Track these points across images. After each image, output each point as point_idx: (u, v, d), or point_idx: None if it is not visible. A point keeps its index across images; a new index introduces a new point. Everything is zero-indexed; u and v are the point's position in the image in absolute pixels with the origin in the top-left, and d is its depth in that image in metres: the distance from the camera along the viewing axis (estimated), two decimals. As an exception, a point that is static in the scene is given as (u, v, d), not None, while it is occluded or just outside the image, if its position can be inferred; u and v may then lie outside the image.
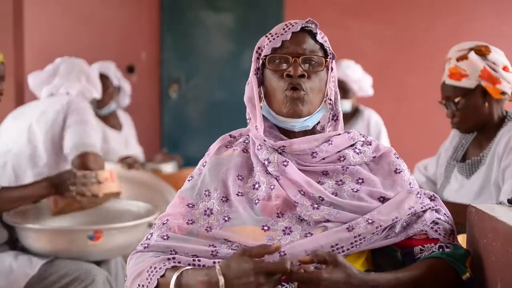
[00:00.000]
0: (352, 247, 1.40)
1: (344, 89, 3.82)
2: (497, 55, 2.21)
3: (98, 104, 3.82)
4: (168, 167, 4.01)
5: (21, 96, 4.04)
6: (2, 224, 2.35)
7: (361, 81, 3.89)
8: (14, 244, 2.39)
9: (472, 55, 2.18)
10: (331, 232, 1.41)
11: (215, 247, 1.45)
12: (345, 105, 3.86)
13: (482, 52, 2.20)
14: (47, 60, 3.75)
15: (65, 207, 2.48)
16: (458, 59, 2.21)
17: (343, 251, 1.39)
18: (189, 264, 1.38)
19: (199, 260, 1.39)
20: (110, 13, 4.76)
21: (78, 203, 2.46)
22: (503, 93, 2.19)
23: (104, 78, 3.85)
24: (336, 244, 1.39)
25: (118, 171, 3.25)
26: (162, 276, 1.36)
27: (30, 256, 2.31)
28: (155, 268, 1.37)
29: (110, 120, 3.87)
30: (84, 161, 2.52)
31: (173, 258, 1.39)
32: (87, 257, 2.32)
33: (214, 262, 1.37)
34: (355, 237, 1.40)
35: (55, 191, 2.41)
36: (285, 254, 1.37)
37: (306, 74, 1.50)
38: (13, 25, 4.05)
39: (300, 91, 1.50)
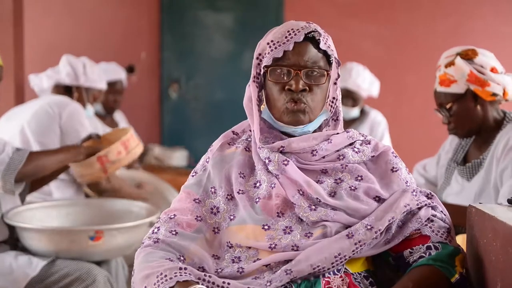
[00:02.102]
0: (353, 254, 1.41)
1: (354, 99, 3.79)
2: (484, 57, 2.20)
3: (109, 109, 3.84)
4: (177, 155, 4.00)
5: (21, 96, 4.04)
6: (3, 222, 2.35)
7: (371, 87, 3.85)
8: (15, 244, 2.39)
9: (458, 60, 2.18)
10: (331, 241, 1.42)
11: (218, 258, 1.47)
12: (354, 112, 3.82)
13: (468, 56, 2.19)
14: (47, 60, 3.76)
15: (114, 169, 2.53)
16: (446, 66, 2.21)
17: (345, 259, 1.41)
18: (199, 278, 1.38)
19: (209, 277, 1.40)
20: (110, 13, 4.76)
21: (124, 160, 2.53)
22: (494, 94, 2.17)
23: (119, 83, 3.87)
24: (339, 254, 1.40)
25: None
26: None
27: (30, 257, 2.31)
28: (165, 276, 1.36)
29: (106, 120, 3.89)
30: (97, 185, 2.82)
31: (185, 268, 1.38)
32: (88, 257, 2.32)
33: (223, 282, 1.39)
34: (355, 244, 1.41)
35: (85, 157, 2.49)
36: (291, 272, 1.38)
37: (308, 88, 1.49)
38: (13, 25, 4.05)
39: (301, 104, 1.49)
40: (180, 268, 1.37)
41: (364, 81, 3.80)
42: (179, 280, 1.35)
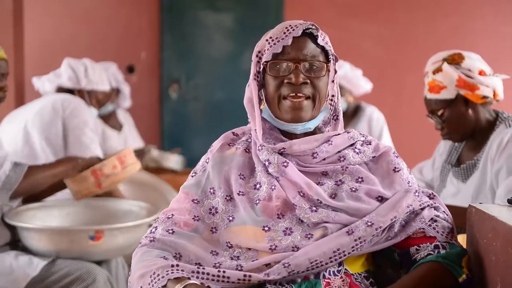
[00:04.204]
0: (353, 250, 1.41)
1: None
2: (471, 61, 2.20)
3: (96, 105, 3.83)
4: (173, 159, 3.99)
5: (21, 96, 4.05)
6: (5, 224, 2.35)
7: (349, 76, 3.78)
8: (15, 244, 2.39)
9: (446, 66, 2.18)
10: (331, 237, 1.42)
11: (217, 254, 1.46)
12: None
13: (455, 61, 2.19)
14: (47, 60, 3.76)
15: (109, 183, 2.48)
16: (434, 72, 2.21)
17: (344, 255, 1.41)
18: (192, 272, 1.38)
19: (203, 268, 1.40)
20: (110, 13, 4.76)
21: (119, 174, 2.47)
22: (485, 97, 2.18)
23: None
24: (338, 249, 1.40)
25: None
26: (164, 286, 1.35)
27: (30, 256, 2.31)
28: (158, 275, 1.36)
29: (110, 120, 3.87)
30: None
31: (177, 265, 1.39)
32: (88, 257, 2.32)
33: (219, 271, 1.38)
34: (355, 240, 1.41)
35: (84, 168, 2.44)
36: (289, 265, 1.38)
37: (308, 81, 1.50)
38: (13, 25, 4.06)
39: (301, 99, 1.50)
40: (172, 266, 1.38)
41: (339, 70, 3.72)
42: (170, 278, 1.35)
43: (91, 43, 4.57)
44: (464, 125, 2.22)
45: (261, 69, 1.55)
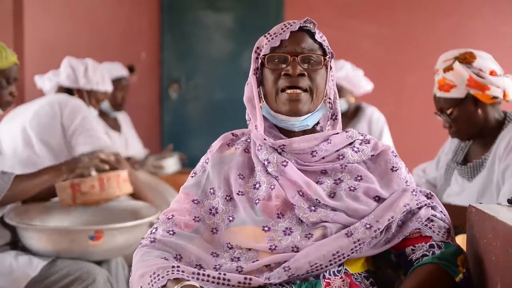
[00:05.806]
0: (352, 252, 1.41)
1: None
2: (482, 60, 2.18)
3: (117, 106, 3.83)
4: (170, 163, 3.99)
5: (21, 96, 4.04)
6: (4, 225, 2.35)
7: (350, 76, 3.78)
8: (15, 244, 2.39)
9: (457, 65, 2.16)
10: (331, 239, 1.42)
11: (217, 255, 1.47)
12: (340, 104, 3.79)
13: (466, 60, 2.17)
14: (47, 60, 3.76)
15: (83, 201, 2.45)
16: (444, 70, 2.20)
17: (344, 258, 1.41)
18: (193, 274, 1.38)
19: (204, 270, 1.40)
20: (110, 13, 4.76)
21: (96, 195, 2.44)
22: (495, 97, 2.17)
23: (124, 80, 3.86)
24: (337, 252, 1.40)
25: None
26: (164, 286, 1.36)
27: (30, 256, 2.32)
28: (158, 275, 1.37)
29: (109, 122, 3.87)
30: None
31: (178, 266, 1.39)
32: (88, 257, 2.32)
33: (219, 273, 1.39)
34: (354, 242, 1.41)
35: (72, 173, 2.42)
36: (289, 269, 1.38)
37: (306, 73, 1.51)
38: (13, 25, 4.05)
39: (299, 91, 1.51)
40: (173, 267, 1.38)
41: (340, 70, 3.74)
42: (170, 278, 1.36)
43: (91, 43, 4.56)
44: (473, 124, 2.21)
45: (259, 64, 1.56)
